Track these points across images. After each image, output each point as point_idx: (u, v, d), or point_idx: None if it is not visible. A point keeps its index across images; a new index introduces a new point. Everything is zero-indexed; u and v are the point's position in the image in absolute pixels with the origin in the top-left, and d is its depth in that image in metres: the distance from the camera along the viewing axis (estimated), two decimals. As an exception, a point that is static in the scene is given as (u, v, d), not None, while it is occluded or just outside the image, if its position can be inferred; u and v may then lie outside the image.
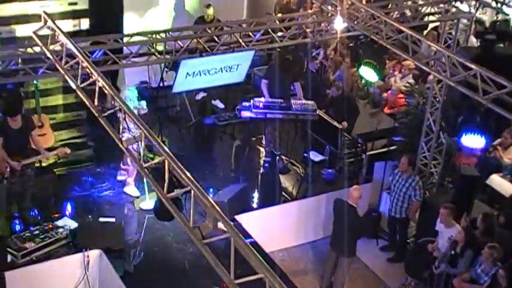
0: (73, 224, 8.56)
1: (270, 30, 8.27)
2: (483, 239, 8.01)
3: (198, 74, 9.86)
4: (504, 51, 8.22)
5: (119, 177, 10.00)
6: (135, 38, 7.66)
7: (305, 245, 9.98)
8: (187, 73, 9.72)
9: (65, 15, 11.01)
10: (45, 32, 6.93)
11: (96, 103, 5.97)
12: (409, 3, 9.42)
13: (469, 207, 8.76)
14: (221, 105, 12.32)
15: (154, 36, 7.66)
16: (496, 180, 9.46)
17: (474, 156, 9.95)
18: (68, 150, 8.96)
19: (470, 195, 8.97)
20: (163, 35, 7.68)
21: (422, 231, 9.09)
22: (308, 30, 8.48)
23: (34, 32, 6.95)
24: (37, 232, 8.32)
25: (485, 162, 9.97)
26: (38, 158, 8.72)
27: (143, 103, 9.87)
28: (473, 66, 7.14)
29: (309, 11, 8.92)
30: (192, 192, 4.86)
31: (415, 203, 9.27)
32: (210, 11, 11.90)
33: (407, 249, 9.61)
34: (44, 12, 7.03)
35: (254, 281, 4.31)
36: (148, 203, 9.27)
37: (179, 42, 7.79)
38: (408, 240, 9.74)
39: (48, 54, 6.76)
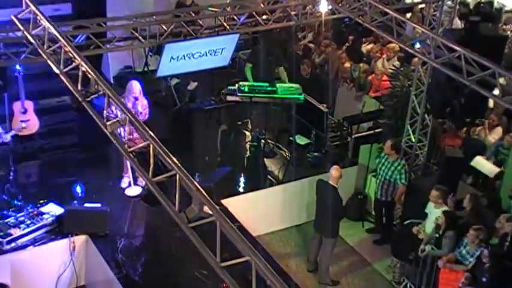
0: (59, 210, 8.52)
1: (254, 13, 8.22)
2: (469, 219, 8.08)
3: (183, 58, 9.79)
4: (488, 33, 8.22)
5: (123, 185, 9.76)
6: (119, 22, 7.59)
7: (291, 229, 10.03)
8: (172, 57, 9.66)
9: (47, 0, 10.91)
10: (27, 16, 6.85)
11: (79, 88, 5.92)
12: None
13: (454, 189, 8.83)
14: (194, 83, 12.18)
15: (138, 20, 7.59)
16: (480, 162, 9.54)
17: (459, 138, 10.02)
18: (23, 125, 8.88)
19: (455, 177, 9.04)
20: (147, 18, 7.61)
21: (408, 213, 9.14)
22: (293, 13, 8.44)
23: (15, 16, 6.86)
24: (22, 218, 8.28)
25: (470, 144, 10.04)
26: None
27: None
28: (457, 48, 7.15)
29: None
30: (178, 176, 4.84)
31: (400, 187, 9.31)
32: None
33: (393, 231, 9.68)
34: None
35: (240, 264, 4.32)
36: (134, 189, 9.23)
37: (163, 26, 7.73)
38: (394, 223, 9.80)
39: (31, 39, 6.68)
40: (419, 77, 9.22)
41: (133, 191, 9.14)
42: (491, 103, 9.63)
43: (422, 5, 10.21)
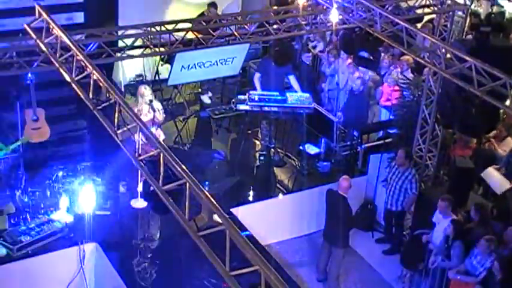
0: (69, 218, 8.55)
1: (265, 22, 8.25)
2: (478, 229, 8.04)
3: (193, 67, 9.87)
4: (499, 43, 8.22)
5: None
6: (130, 31, 7.63)
7: (301, 238, 10.00)
8: (183, 66, 9.74)
9: (59, 9, 10.98)
10: (40, 25, 6.91)
11: (91, 96, 5.96)
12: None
13: (465, 200, 8.79)
14: (208, 101, 12.22)
15: (149, 29, 7.63)
16: (490, 175, 9.42)
17: (469, 148, 9.97)
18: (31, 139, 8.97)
19: (466, 187, 9.00)
20: (158, 27, 7.66)
21: (418, 223, 9.10)
22: (303, 22, 8.47)
23: (28, 25, 6.92)
24: (33, 225, 8.32)
25: (481, 154, 9.99)
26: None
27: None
28: (468, 59, 7.14)
29: (304, 3, 8.89)
30: (188, 184, 4.86)
31: (411, 196, 9.28)
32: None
33: (403, 241, 9.64)
34: (38, 5, 7.00)
35: (249, 273, 4.32)
36: (140, 201, 9.18)
37: (174, 35, 7.77)
38: (404, 233, 9.76)
39: (43, 47, 6.73)
40: (430, 87, 9.21)
41: (140, 203, 9.11)
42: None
43: (433, 16, 10.20)
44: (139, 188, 9.22)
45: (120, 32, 7.69)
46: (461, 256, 7.91)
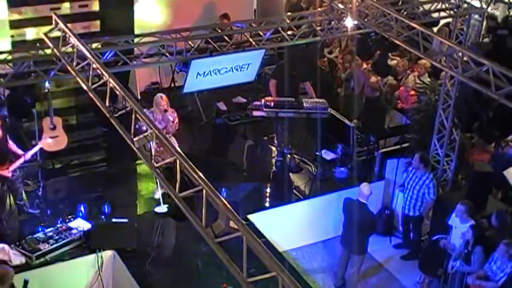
0: (86, 225, 8.59)
1: (280, 29, 8.25)
2: (498, 236, 7.96)
3: (209, 74, 9.87)
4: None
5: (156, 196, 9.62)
6: (146, 39, 7.68)
7: (318, 244, 9.97)
8: (198, 73, 9.75)
9: (75, 18, 11.08)
10: (57, 34, 6.96)
11: (107, 104, 5.98)
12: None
13: (483, 204, 8.71)
14: (224, 107, 12.19)
15: (164, 36, 7.67)
16: None
17: (487, 152, 9.88)
18: (49, 140, 9.01)
19: (484, 191, 8.92)
20: (173, 35, 7.69)
21: (436, 228, 9.04)
22: (318, 28, 8.46)
23: (45, 34, 6.98)
24: (51, 233, 8.36)
25: (499, 158, 9.90)
26: (22, 161, 8.76)
27: None
28: (485, 62, 7.08)
29: (319, 9, 8.88)
30: (204, 191, 4.86)
31: (429, 201, 9.22)
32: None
33: (421, 246, 9.57)
34: (55, 14, 7.06)
35: (267, 279, 4.31)
36: (163, 207, 9.20)
37: (189, 42, 7.80)
38: (422, 238, 9.69)
39: (60, 56, 6.78)
40: (447, 91, 9.16)
41: (162, 208, 9.13)
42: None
43: (449, 19, 10.15)
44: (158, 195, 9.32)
45: (136, 40, 7.74)
46: (482, 262, 7.84)
